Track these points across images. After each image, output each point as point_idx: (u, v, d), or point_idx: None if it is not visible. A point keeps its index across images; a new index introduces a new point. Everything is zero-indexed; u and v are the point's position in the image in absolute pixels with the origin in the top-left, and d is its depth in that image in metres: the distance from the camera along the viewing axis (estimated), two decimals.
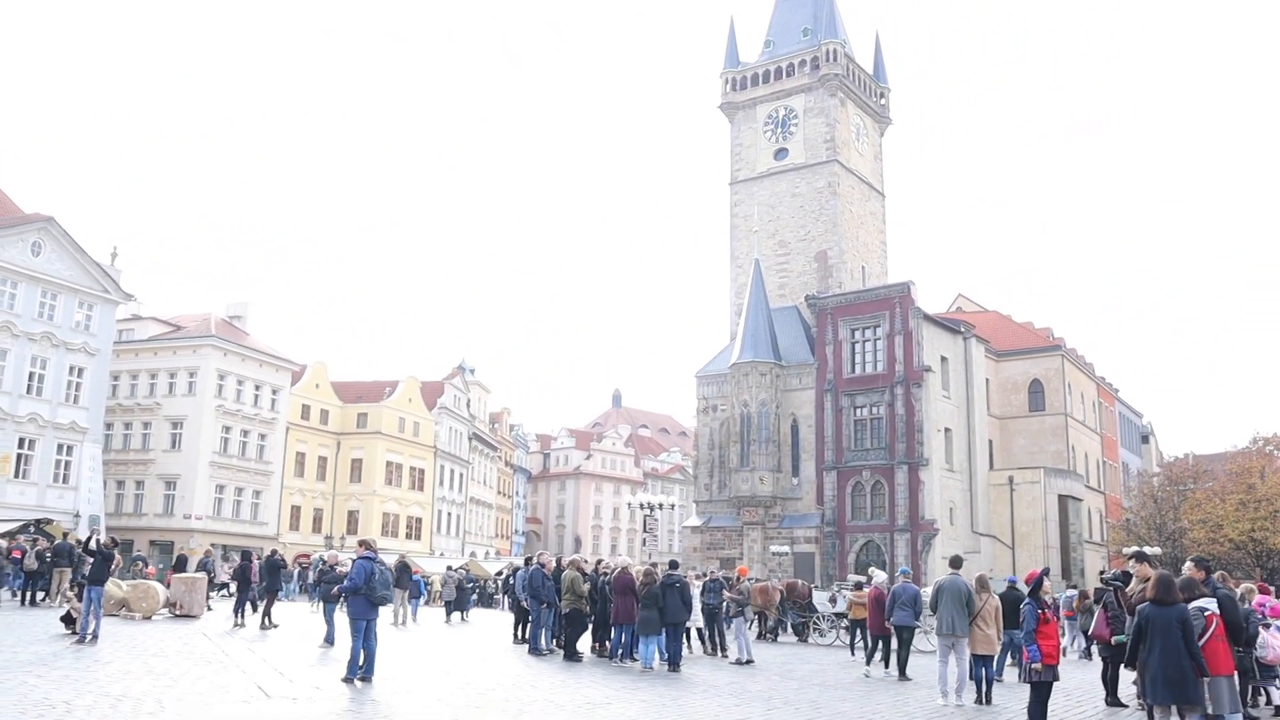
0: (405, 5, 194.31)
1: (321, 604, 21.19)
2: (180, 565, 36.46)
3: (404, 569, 28.58)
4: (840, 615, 26.37)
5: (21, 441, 45.33)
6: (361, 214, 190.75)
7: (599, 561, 23.86)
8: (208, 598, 28.31)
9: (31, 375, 45.83)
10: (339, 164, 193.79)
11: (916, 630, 17.86)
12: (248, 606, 24.89)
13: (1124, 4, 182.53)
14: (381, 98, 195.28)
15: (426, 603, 37.95)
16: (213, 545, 50.59)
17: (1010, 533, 57.25)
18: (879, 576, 20.12)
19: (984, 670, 14.30)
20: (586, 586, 19.11)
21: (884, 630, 18.31)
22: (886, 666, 18.49)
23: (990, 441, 61.57)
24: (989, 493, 58.38)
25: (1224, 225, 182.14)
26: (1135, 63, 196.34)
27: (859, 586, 24.62)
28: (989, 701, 14.08)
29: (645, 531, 68.92)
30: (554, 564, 20.42)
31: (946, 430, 56.04)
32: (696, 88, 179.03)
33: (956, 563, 15.50)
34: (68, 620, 18.65)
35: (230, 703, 11.51)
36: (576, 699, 13.40)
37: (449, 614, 33.00)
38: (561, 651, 18.85)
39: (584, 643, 19.26)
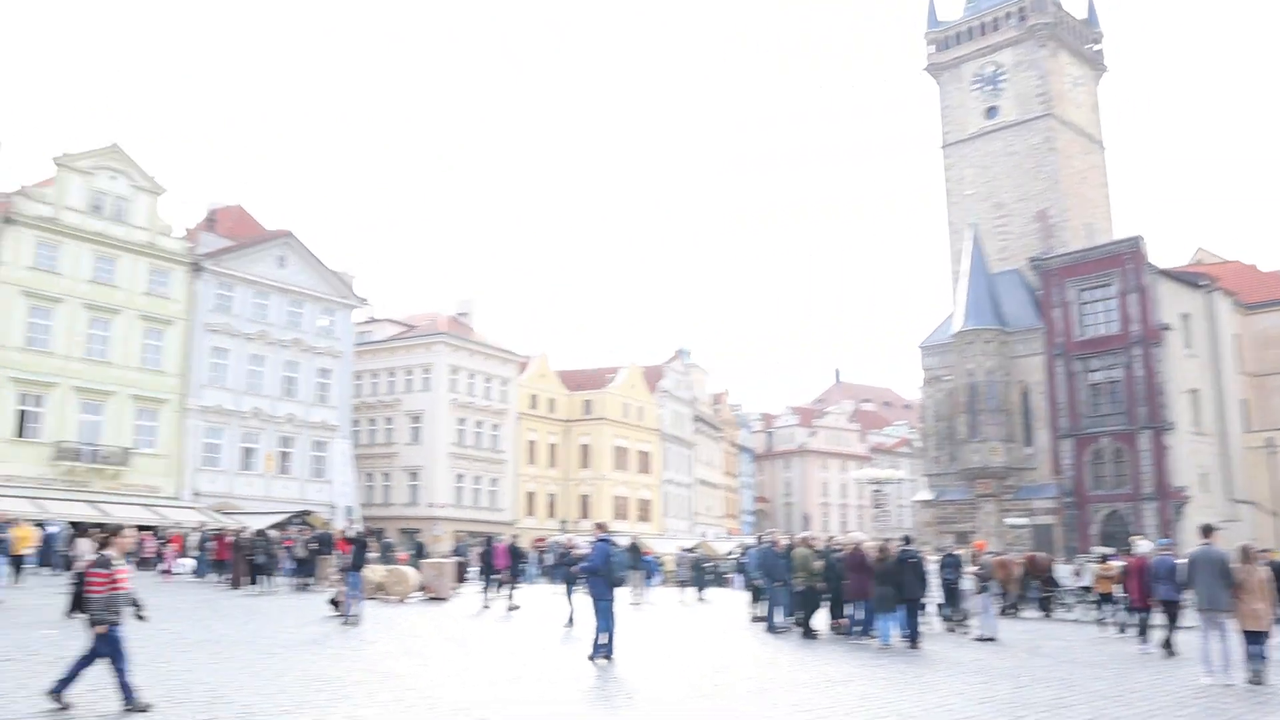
0: None
1: (564, 586, 21.93)
2: (419, 552, 38.79)
3: (635, 550, 29.20)
4: (1086, 589, 25.22)
5: (282, 440, 49.05)
6: (561, 203, 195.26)
7: (830, 538, 23.70)
8: (459, 581, 29.81)
9: (286, 379, 49.52)
10: (507, 149, 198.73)
11: (1180, 605, 16.87)
12: (492, 589, 25.97)
13: None
14: (549, 75, 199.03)
15: (661, 583, 38.67)
16: (457, 531, 53.31)
17: (1274, 499, 53.14)
18: (1142, 546, 19.05)
19: (1256, 648, 13.27)
20: (819, 564, 19.03)
21: (1146, 604, 17.42)
22: (1143, 640, 17.63)
23: (1244, 401, 57.21)
24: (1246, 456, 54.33)
25: None
26: None
27: (1105, 559, 23.51)
28: (1262, 681, 13.09)
29: (875, 507, 67.80)
30: (785, 542, 20.43)
31: (1193, 391, 52.55)
32: (901, 53, 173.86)
33: (1208, 531, 14.41)
34: (334, 603, 20.03)
35: (480, 684, 12.07)
36: (816, 676, 13.36)
37: (684, 594, 33.50)
38: (798, 629, 18.84)
39: (820, 620, 19.18)
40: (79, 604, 9.09)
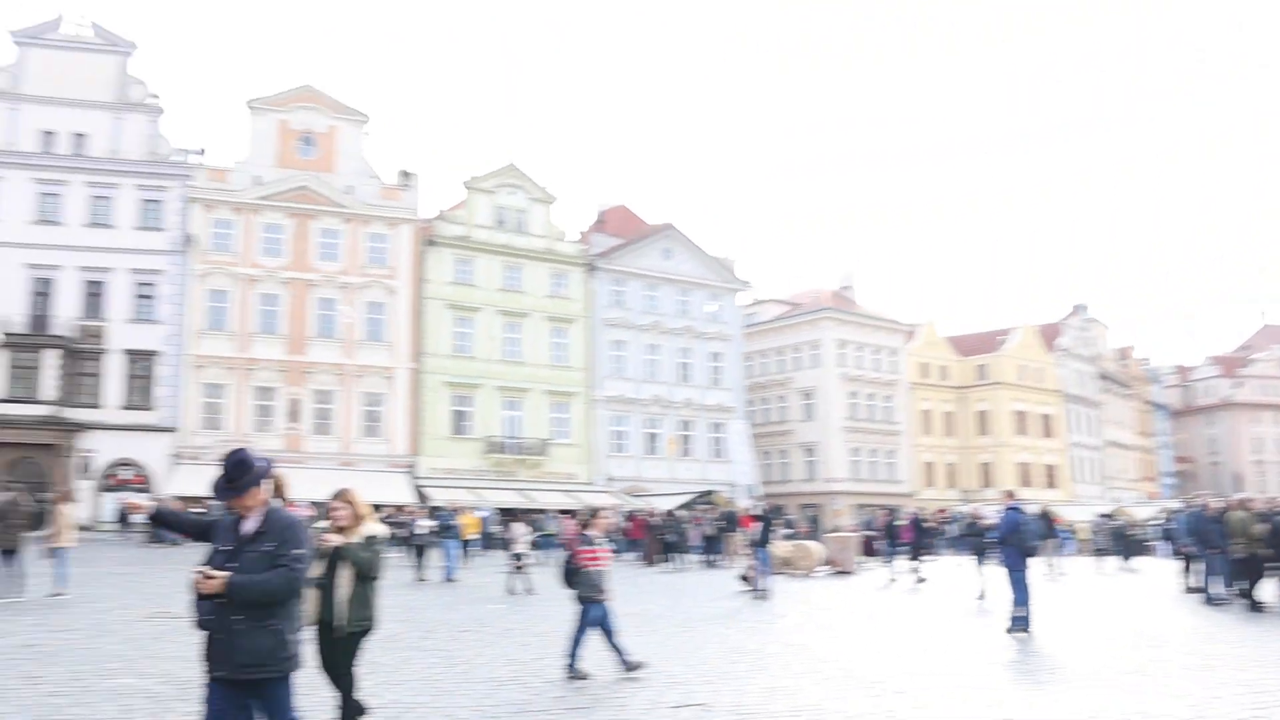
0: None
1: (973, 557, 21.35)
2: (816, 526, 39.43)
3: (1046, 518, 27.93)
4: None
5: (682, 424, 51.35)
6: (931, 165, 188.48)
7: (1271, 499, 21.43)
8: (864, 555, 29.86)
9: (681, 366, 51.83)
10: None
11: None
12: (898, 561, 25.75)
13: None
14: None
15: (1075, 552, 36.69)
16: (857, 505, 53.35)
17: None
18: None
19: None
20: (1261, 528, 17.23)
21: None
22: None
23: None
24: None
25: None
26: None
27: None
28: None
29: None
30: (1216, 505, 18.71)
31: None
32: None
33: None
34: (744, 578, 20.74)
35: (891, 656, 12.01)
36: (1268, 653, 12.11)
37: (1102, 563, 31.60)
38: (1240, 601, 17.19)
39: (1266, 591, 17.38)
40: (570, 579, 10.12)
